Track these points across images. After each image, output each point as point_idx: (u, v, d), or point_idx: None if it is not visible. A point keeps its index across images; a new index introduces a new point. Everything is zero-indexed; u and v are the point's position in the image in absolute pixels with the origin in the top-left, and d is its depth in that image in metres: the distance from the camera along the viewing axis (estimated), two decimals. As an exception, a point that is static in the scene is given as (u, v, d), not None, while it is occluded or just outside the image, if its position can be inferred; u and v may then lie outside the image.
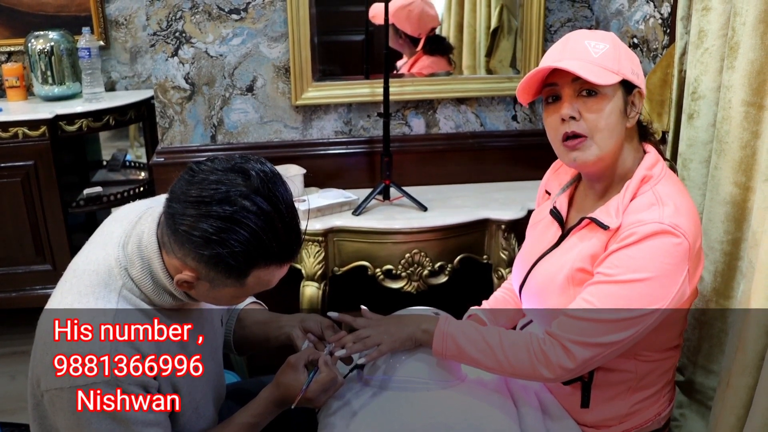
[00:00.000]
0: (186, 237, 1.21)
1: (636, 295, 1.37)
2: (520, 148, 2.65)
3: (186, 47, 2.45)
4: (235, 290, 1.29)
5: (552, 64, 1.41)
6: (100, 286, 1.29)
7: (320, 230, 2.26)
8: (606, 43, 1.42)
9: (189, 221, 1.20)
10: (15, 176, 2.97)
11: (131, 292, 1.30)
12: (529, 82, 1.46)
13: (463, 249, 2.37)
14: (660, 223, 1.36)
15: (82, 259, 1.37)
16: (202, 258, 1.22)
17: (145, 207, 1.41)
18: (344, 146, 2.61)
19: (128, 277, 1.30)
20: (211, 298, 1.34)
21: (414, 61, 2.69)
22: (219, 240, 1.19)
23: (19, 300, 3.16)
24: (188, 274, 1.25)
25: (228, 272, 1.23)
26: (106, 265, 1.31)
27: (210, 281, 1.26)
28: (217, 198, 1.19)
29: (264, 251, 1.22)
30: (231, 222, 1.19)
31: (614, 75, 1.40)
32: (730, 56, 1.61)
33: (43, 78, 3.16)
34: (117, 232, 1.36)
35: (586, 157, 1.44)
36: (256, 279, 1.26)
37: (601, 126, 1.41)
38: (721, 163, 1.67)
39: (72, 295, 1.30)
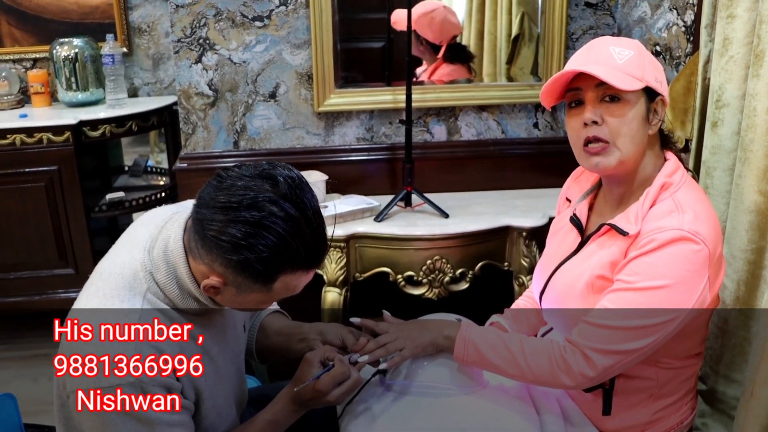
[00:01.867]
0: (214, 242, 1.22)
1: (656, 302, 1.36)
2: (542, 155, 2.65)
3: (210, 54, 2.48)
4: (262, 295, 1.29)
5: (577, 67, 1.41)
6: (125, 289, 1.30)
7: (342, 236, 2.27)
8: (631, 50, 1.42)
9: (217, 226, 1.21)
10: (39, 181, 3.01)
11: (156, 296, 1.31)
12: (553, 86, 1.46)
13: (484, 256, 2.37)
14: (680, 230, 1.35)
15: (108, 262, 1.38)
16: (230, 263, 1.22)
17: (171, 212, 1.42)
18: (366, 153, 2.63)
19: (153, 281, 1.31)
20: (237, 304, 1.35)
21: (434, 69, 2.69)
22: (247, 245, 1.20)
23: (41, 303, 3.18)
24: (215, 280, 1.26)
25: (255, 278, 1.24)
26: (131, 269, 1.32)
27: (237, 286, 1.27)
28: (246, 203, 1.20)
29: (291, 257, 1.23)
30: (259, 227, 1.19)
31: (638, 81, 1.40)
32: (756, 64, 1.61)
33: (67, 84, 3.19)
34: (143, 236, 1.37)
35: (608, 162, 1.44)
36: (283, 284, 1.27)
37: (624, 131, 1.41)
38: (746, 171, 1.66)
39: (98, 298, 1.31)
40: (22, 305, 3.19)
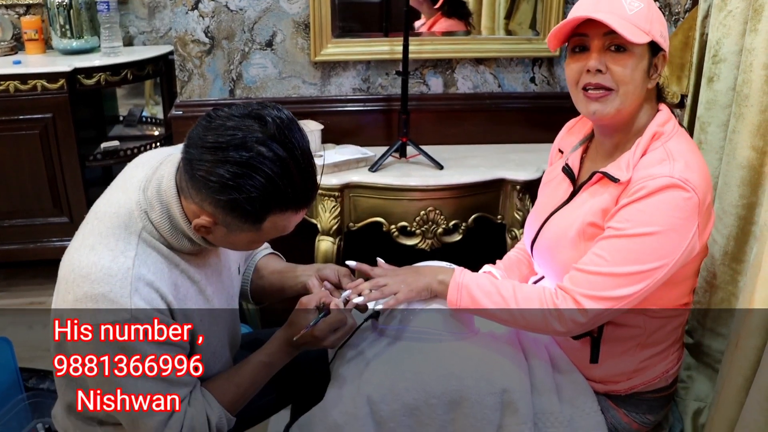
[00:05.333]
0: (203, 182, 1.23)
1: (646, 248, 1.38)
2: (538, 110, 2.65)
3: (206, 1, 2.45)
4: (252, 235, 1.31)
5: (589, 14, 1.40)
6: (121, 228, 1.31)
7: (336, 185, 2.28)
8: (642, 2, 1.41)
9: (206, 167, 1.21)
10: (33, 128, 3.00)
11: (151, 235, 1.32)
12: (561, 30, 1.46)
13: (478, 208, 2.38)
14: (670, 177, 1.37)
15: (103, 201, 1.39)
16: (218, 203, 1.23)
17: (166, 153, 1.43)
18: (362, 103, 2.62)
19: (148, 220, 1.32)
20: (228, 243, 1.36)
21: (432, 23, 2.67)
22: (235, 185, 1.20)
23: (36, 252, 3.20)
24: (205, 219, 1.27)
25: (244, 217, 1.25)
26: (126, 208, 1.33)
27: (227, 226, 1.28)
28: (234, 144, 1.20)
29: (280, 197, 1.24)
30: (247, 168, 1.20)
31: (645, 35, 1.40)
32: (754, 19, 1.61)
33: (61, 31, 3.17)
34: (138, 176, 1.38)
35: (606, 110, 1.44)
36: (272, 224, 1.28)
37: (627, 80, 1.42)
38: (740, 126, 1.66)
39: (93, 237, 1.32)
40: (17, 253, 3.21)
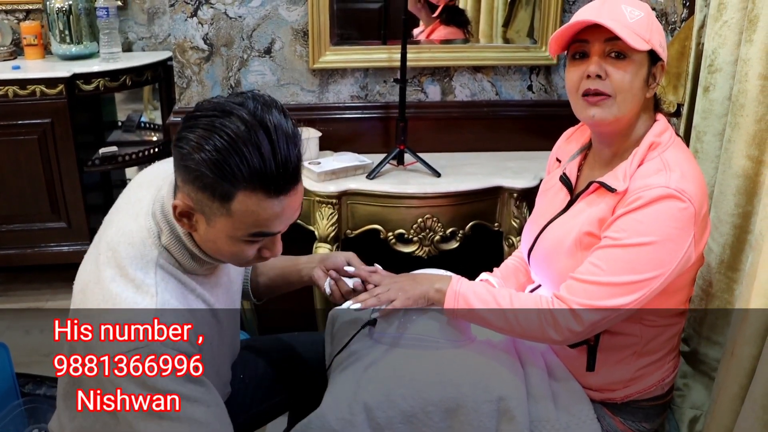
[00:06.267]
0: (179, 156, 1.19)
1: (642, 258, 1.38)
2: (535, 118, 2.66)
3: (205, 8, 2.46)
4: (226, 222, 1.21)
5: (593, 19, 1.41)
6: (137, 258, 1.27)
7: (334, 193, 2.28)
8: (642, 11, 1.43)
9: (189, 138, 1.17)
10: (32, 134, 3.00)
11: (167, 261, 1.29)
12: (563, 34, 1.47)
13: (475, 216, 2.38)
14: (666, 188, 1.37)
15: (114, 230, 1.33)
16: (188, 176, 1.18)
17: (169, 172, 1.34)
18: (360, 111, 2.62)
19: (161, 246, 1.29)
20: (211, 242, 1.27)
21: (431, 31, 2.68)
22: (198, 146, 1.15)
23: (33, 257, 3.20)
24: (182, 202, 1.22)
25: (213, 191, 1.17)
26: (140, 237, 1.29)
27: (202, 211, 1.21)
28: (208, 113, 1.17)
29: (245, 166, 1.15)
30: (212, 129, 1.15)
31: (646, 43, 1.41)
32: (749, 29, 1.61)
33: (60, 37, 3.17)
34: (146, 199, 1.34)
35: (604, 115, 1.45)
36: (243, 207, 1.18)
37: (626, 87, 1.43)
38: (735, 136, 1.67)
39: (110, 268, 1.26)
40: (14, 258, 3.20)
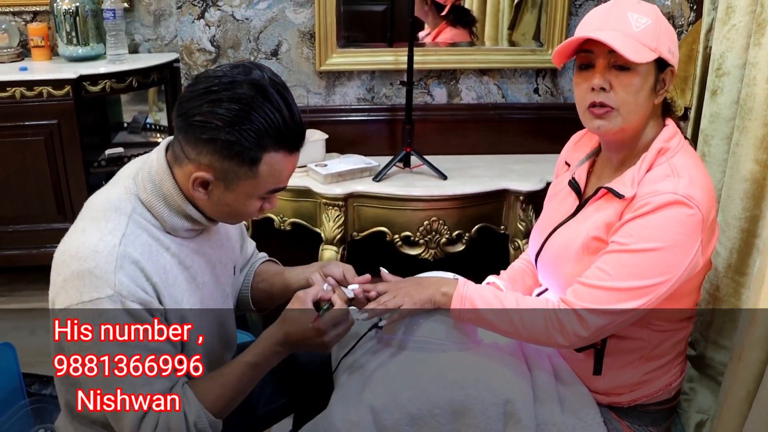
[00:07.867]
0: (200, 128, 1.25)
1: (649, 264, 1.38)
2: (541, 120, 2.66)
3: (212, 10, 2.47)
4: (250, 184, 1.31)
5: (592, 34, 1.40)
6: (111, 210, 1.31)
7: (341, 195, 2.28)
8: (649, 18, 1.41)
9: (202, 110, 1.25)
10: (39, 135, 3.00)
11: (142, 217, 1.32)
12: (566, 48, 1.46)
13: (481, 218, 2.39)
14: (674, 194, 1.37)
15: (96, 194, 1.39)
16: (215, 147, 1.26)
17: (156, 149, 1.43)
18: (366, 113, 2.63)
19: (139, 201, 1.33)
20: (225, 204, 1.34)
21: (437, 33, 2.69)
22: (231, 121, 1.24)
23: (39, 257, 3.18)
24: (203, 174, 1.28)
25: (241, 158, 1.27)
26: (117, 195, 1.34)
27: (224, 178, 1.29)
28: (224, 85, 1.25)
29: (274, 131, 1.26)
30: (244, 104, 1.24)
31: (651, 52, 1.39)
32: (758, 33, 1.61)
33: (67, 38, 3.17)
34: (128, 169, 1.40)
35: (610, 126, 1.45)
36: (268, 167, 1.29)
37: (630, 101, 1.42)
38: (743, 140, 1.67)
39: (84, 221, 1.32)
40: (20, 258, 3.20)
